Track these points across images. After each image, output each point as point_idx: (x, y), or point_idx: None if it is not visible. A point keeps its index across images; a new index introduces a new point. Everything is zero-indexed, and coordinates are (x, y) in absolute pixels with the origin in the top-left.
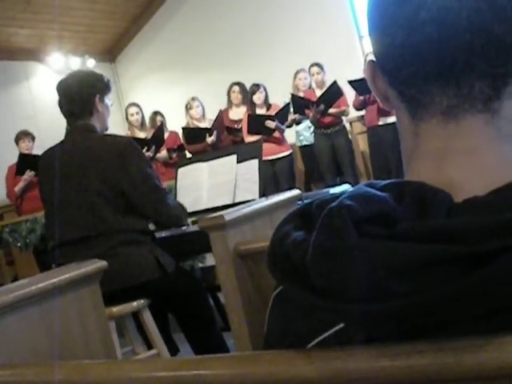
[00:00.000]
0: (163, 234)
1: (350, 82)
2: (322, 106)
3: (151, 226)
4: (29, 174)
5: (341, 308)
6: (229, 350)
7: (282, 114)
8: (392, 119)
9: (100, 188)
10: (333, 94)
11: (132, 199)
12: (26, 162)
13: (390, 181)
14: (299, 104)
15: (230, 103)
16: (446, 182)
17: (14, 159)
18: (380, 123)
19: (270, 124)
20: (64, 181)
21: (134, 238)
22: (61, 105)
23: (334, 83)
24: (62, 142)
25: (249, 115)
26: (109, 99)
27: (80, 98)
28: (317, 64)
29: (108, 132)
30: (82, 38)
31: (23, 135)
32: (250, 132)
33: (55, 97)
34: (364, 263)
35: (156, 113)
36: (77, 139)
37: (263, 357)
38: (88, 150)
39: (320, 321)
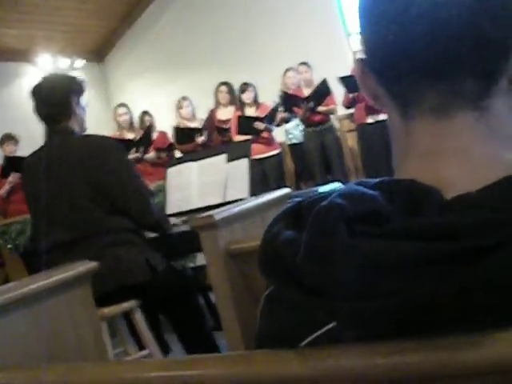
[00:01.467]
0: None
1: (341, 78)
2: (311, 103)
3: None
4: (14, 177)
5: (332, 307)
6: (219, 350)
7: (270, 115)
8: (381, 117)
9: (85, 189)
10: (322, 91)
11: (116, 199)
12: (11, 164)
13: (380, 179)
14: (289, 101)
15: (217, 103)
16: (437, 179)
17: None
18: (369, 121)
19: (260, 126)
20: (49, 184)
21: (124, 238)
22: (38, 110)
23: (324, 81)
24: (42, 146)
25: (239, 117)
26: (84, 100)
27: (58, 102)
28: (305, 63)
29: (95, 132)
30: (71, 39)
31: (7, 138)
32: (240, 133)
33: None
34: (355, 262)
35: (145, 113)
36: (58, 142)
37: (255, 356)
38: (70, 152)
39: (312, 320)
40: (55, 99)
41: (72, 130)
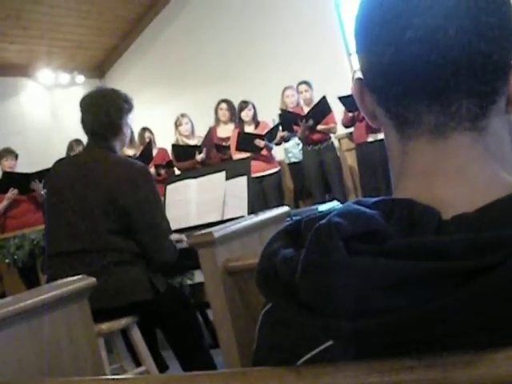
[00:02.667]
0: None
1: (340, 98)
2: (310, 122)
3: None
4: (12, 192)
5: (330, 325)
6: (216, 367)
7: (271, 134)
8: (382, 136)
9: (105, 206)
10: (322, 109)
11: (133, 228)
12: (9, 179)
13: (378, 198)
14: (288, 119)
15: (217, 120)
16: (434, 199)
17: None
18: (369, 139)
19: (259, 143)
20: (72, 193)
21: (128, 258)
22: (85, 122)
23: (323, 98)
24: (77, 156)
25: (239, 133)
26: (130, 118)
27: (108, 122)
28: (305, 82)
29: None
30: (71, 54)
31: (6, 153)
32: (239, 149)
33: (44, 112)
34: (353, 280)
35: (144, 129)
36: (95, 156)
37: (253, 373)
38: (103, 169)
39: (309, 338)
40: (104, 118)
41: (114, 148)
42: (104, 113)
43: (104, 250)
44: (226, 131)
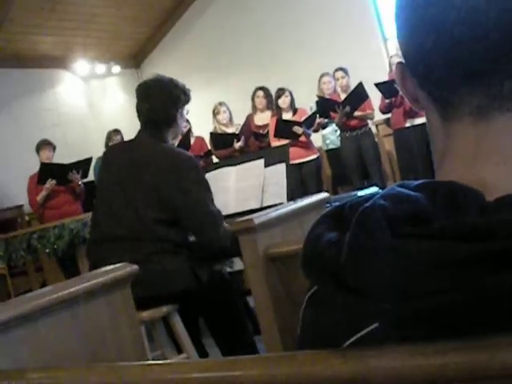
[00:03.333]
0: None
1: (377, 85)
2: (347, 108)
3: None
4: (50, 183)
5: (375, 307)
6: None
7: (309, 121)
8: (419, 121)
9: (150, 194)
10: (358, 95)
11: (182, 217)
12: (47, 171)
13: (422, 181)
14: (325, 106)
15: (254, 108)
16: (477, 181)
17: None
18: (407, 125)
19: (298, 130)
20: (119, 179)
21: (170, 248)
22: (140, 110)
23: (360, 84)
24: (131, 141)
25: (277, 120)
26: (186, 110)
27: (163, 112)
28: (341, 68)
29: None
30: (107, 45)
31: (44, 144)
32: (277, 136)
33: (81, 103)
34: (398, 262)
35: None
36: (145, 145)
37: (297, 357)
38: (151, 158)
39: (354, 320)
40: (160, 107)
41: (165, 138)
42: (160, 102)
43: (147, 238)
44: (263, 119)
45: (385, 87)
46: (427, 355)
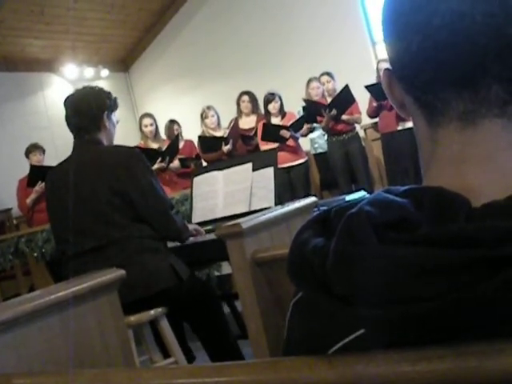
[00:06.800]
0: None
1: (367, 87)
2: (334, 111)
3: None
4: (40, 186)
5: (361, 314)
6: (244, 358)
7: (296, 124)
8: (410, 124)
9: (109, 196)
10: (345, 98)
11: (138, 208)
12: (37, 173)
13: (408, 187)
14: (312, 109)
15: (239, 112)
16: (464, 187)
17: (27, 170)
18: (399, 128)
19: (285, 134)
20: (74, 193)
21: (148, 245)
22: (69, 119)
23: (346, 87)
24: (69, 156)
25: (264, 124)
26: (115, 116)
27: (89, 114)
28: (327, 73)
29: (120, 142)
30: (96, 48)
31: (34, 148)
32: (264, 139)
33: None
34: (384, 269)
35: (172, 121)
36: (85, 151)
37: (284, 363)
38: (95, 161)
39: (340, 326)
40: (85, 110)
41: (100, 140)
42: (86, 106)
43: (121, 240)
44: (249, 123)
45: (375, 89)
46: (413, 362)
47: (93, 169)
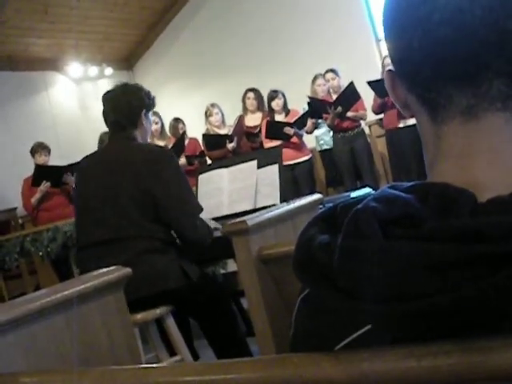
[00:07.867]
0: None
1: (370, 83)
2: (339, 108)
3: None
4: (45, 185)
5: (367, 309)
6: (252, 355)
7: (300, 121)
8: (412, 121)
9: (133, 192)
10: (350, 95)
11: (160, 208)
12: (42, 173)
13: (413, 182)
14: (317, 107)
15: (245, 110)
16: (469, 181)
17: (32, 170)
18: (400, 125)
19: (289, 131)
20: (100, 184)
21: (159, 246)
22: (106, 115)
23: (351, 84)
24: (101, 149)
25: (267, 121)
26: (152, 115)
27: (128, 111)
28: (332, 70)
29: None
30: (99, 47)
31: (39, 148)
32: (268, 137)
33: (74, 106)
34: (390, 264)
35: (177, 120)
36: (118, 146)
37: (291, 359)
38: (126, 156)
39: (347, 323)
40: (124, 107)
41: (135, 137)
42: (125, 102)
43: (134, 238)
44: (254, 120)
45: (378, 85)
46: (419, 358)
47: (122, 164)
